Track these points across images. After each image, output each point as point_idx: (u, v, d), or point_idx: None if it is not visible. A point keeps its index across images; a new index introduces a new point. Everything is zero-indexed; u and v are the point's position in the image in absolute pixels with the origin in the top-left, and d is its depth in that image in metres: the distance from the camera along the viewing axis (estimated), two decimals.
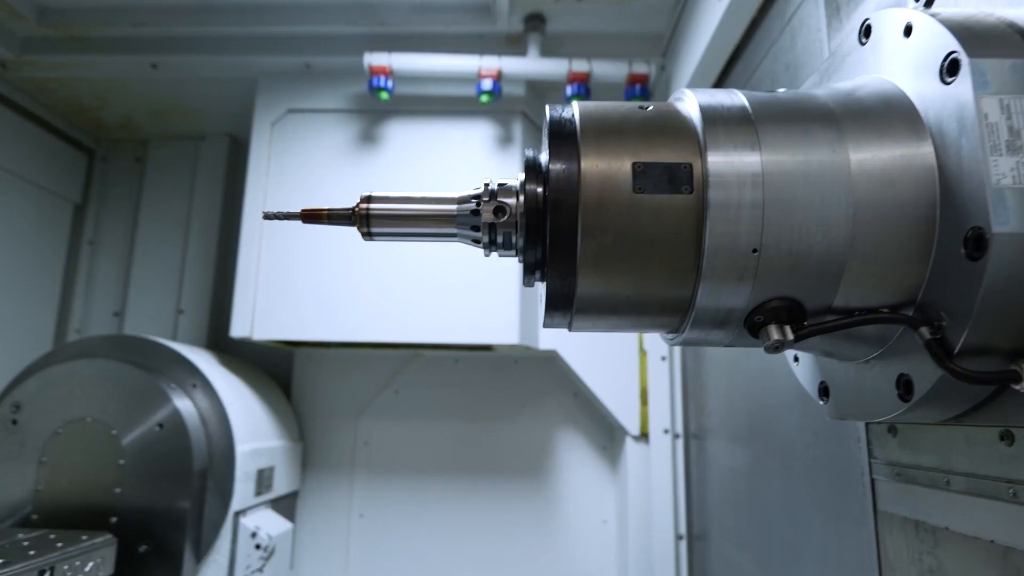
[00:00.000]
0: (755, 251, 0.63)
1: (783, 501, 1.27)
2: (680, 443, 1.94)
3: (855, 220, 0.63)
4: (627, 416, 1.97)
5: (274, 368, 2.28)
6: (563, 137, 0.68)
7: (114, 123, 2.38)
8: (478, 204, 0.74)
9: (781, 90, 0.74)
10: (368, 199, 0.75)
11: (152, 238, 2.41)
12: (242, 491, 1.74)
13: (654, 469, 1.92)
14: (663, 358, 1.97)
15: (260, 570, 1.72)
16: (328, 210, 0.76)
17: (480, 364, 2.28)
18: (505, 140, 1.95)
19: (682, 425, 1.94)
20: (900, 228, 0.63)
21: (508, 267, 1.87)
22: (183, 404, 1.69)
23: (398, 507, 2.20)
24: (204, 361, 1.85)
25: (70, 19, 1.92)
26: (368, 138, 1.96)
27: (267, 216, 0.77)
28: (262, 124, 1.99)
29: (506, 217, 0.72)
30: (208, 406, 1.75)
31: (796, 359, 0.90)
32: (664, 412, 1.94)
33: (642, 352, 1.99)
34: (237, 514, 1.72)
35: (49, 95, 2.18)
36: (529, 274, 0.75)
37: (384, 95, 1.82)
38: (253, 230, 1.93)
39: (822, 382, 0.83)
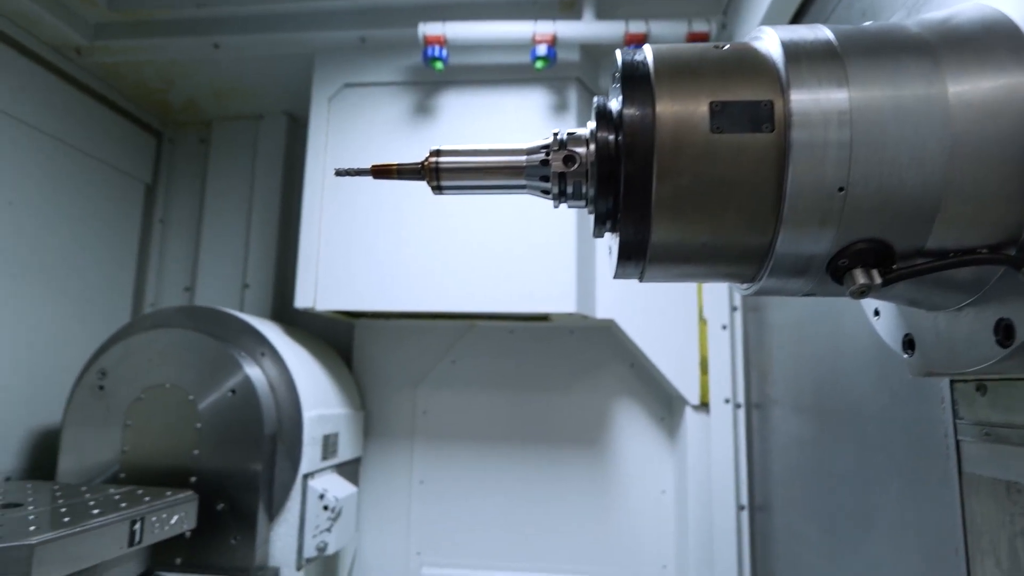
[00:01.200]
0: (841, 190, 0.61)
1: (854, 468, 1.23)
2: (741, 413, 1.90)
3: (952, 155, 0.59)
4: (686, 386, 1.94)
5: (335, 339, 2.35)
6: (636, 80, 0.66)
7: (179, 105, 2.47)
8: (547, 154, 0.73)
9: (868, 23, 0.70)
10: (437, 152, 0.76)
11: (218, 216, 2.51)
12: (310, 455, 1.80)
13: (714, 439, 1.90)
14: (724, 327, 1.93)
15: (328, 530, 1.79)
16: (398, 165, 0.77)
17: (536, 335, 2.28)
18: (560, 107, 1.93)
19: (743, 395, 1.90)
20: (1003, 163, 0.59)
21: (564, 235, 1.85)
22: (253, 372, 1.76)
23: (456, 474, 2.24)
24: (271, 331, 1.92)
25: (137, 3, 2.00)
26: (423, 110, 1.97)
27: (339, 173, 0.79)
28: (320, 100, 2.02)
29: (576, 166, 0.72)
30: (276, 374, 1.82)
31: (876, 313, 0.86)
32: (725, 381, 1.91)
33: (702, 321, 1.96)
34: (305, 477, 1.79)
35: (119, 79, 2.27)
36: (600, 224, 0.74)
37: (439, 65, 1.83)
38: (314, 204, 1.97)
39: (907, 335, 0.79)
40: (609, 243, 0.78)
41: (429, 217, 1.91)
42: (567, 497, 2.19)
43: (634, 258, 0.71)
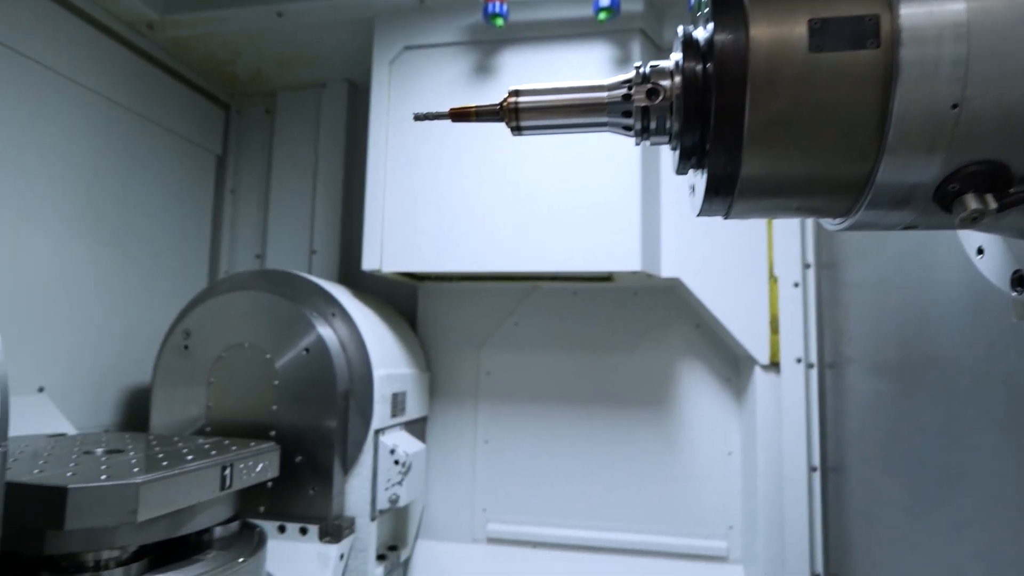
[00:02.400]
0: (955, 107, 0.57)
1: (942, 424, 1.18)
2: (814, 373, 1.85)
3: None
4: (756, 345, 1.90)
5: (399, 303, 2.40)
6: (727, 3, 0.63)
7: (246, 76, 2.53)
8: (629, 88, 0.71)
9: None
10: (516, 92, 0.75)
11: (284, 184, 2.58)
12: (380, 412, 1.86)
13: (785, 399, 1.85)
14: (796, 284, 1.87)
15: (399, 483, 1.85)
16: (476, 107, 0.77)
17: (599, 296, 2.27)
18: (622, 61, 1.88)
19: (816, 354, 1.84)
20: None
21: (628, 193, 1.82)
22: (325, 331, 1.82)
23: (520, 434, 2.27)
24: (340, 293, 1.97)
25: None
26: (483, 69, 1.96)
27: (417, 117, 0.79)
28: (381, 63, 2.03)
29: (660, 99, 0.70)
30: (346, 333, 1.88)
31: (980, 251, 0.81)
32: (797, 341, 1.85)
33: (772, 278, 1.90)
34: (377, 432, 1.85)
35: (189, 52, 2.34)
36: (684, 160, 0.72)
37: (499, 21, 1.80)
38: (377, 168, 2.00)
39: (1016, 271, 0.74)
40: (692, 181, 0.76)
41: (492, 178, 1.91)
42: (631, 458, 2.19)
43: (722, 193, 0.69)
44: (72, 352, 1.95)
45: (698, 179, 0.73)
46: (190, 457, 1.34)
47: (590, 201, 1.83)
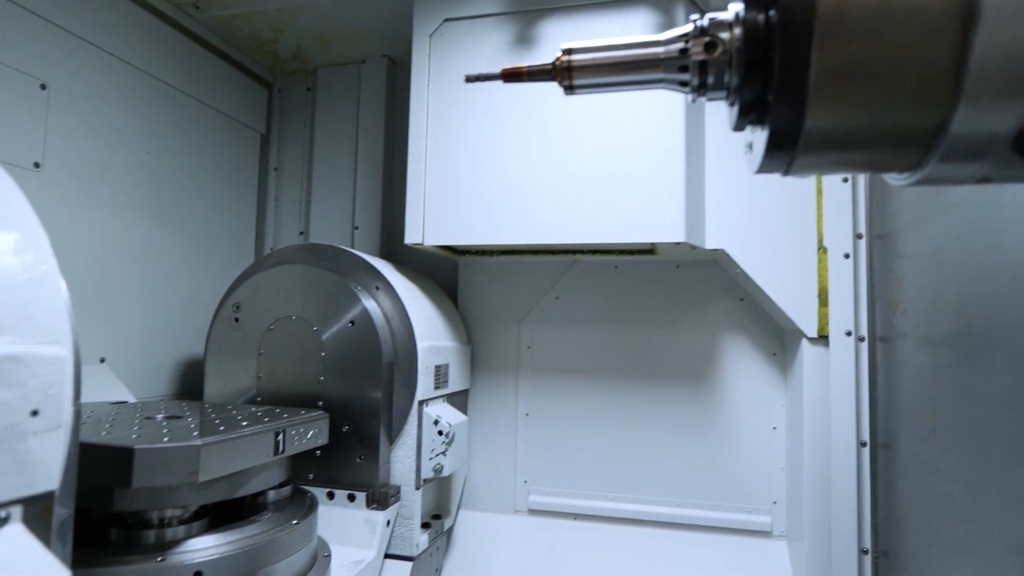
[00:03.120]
0: None
1: (1006, 395, 1.14)
2: (864, 346, 1.80)
3: None
4: (804, 318, 1.85)
5: (440, 277, 2.42)
6: None
7: (287, 55, 2.56)
8: (686, 42, 0.69)
9: None
10: (569, 51, 0.74)
11: (326, 161, 2.62)
12: (424, 383, 1.89)
13: (834, 373, 1.81)
14: (846, 256, 1.81)
15: (443, 453, 1.89)
16: (528, 67, 0.76)
17: (640, 269, 2.25)
18: (667, 28, 1.83)
19: (867, 327, 1.79)
20: None
21: (672, 162, 1.78)
22: (370, 304, 1.85)
23: (561, 408, 2.28)
24: (384, 267, 2.00)
25: None
26: (524, 40, 1.93)
27: (469, 79, 0.79)
28: (421, 36, 2.03)
29: (719, 52, 0.68)
30: (390, 306, 1.91)
31: None
32: (847, 313, 1.80)
33: (821, 249, 1.85)
34: (421, 403, 1.88)
35: (233, 32, 2.38)
36: (743, 115, 0.70)
37: None
38: (419, 142, 2.00)
39: None
40: (750, 138, 0.74)
41: (533, 150, 1.90)
42: (673, 431, 2.18)
43: (784, 148, 0.67)
44: (130, 325, 2.03)
45: (756, 135, 0.71)
46: (244, 423, 1.39)
47: (633, 172, 1.81)
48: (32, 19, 1.70)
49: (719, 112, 1.94)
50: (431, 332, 1.99)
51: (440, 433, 1.89)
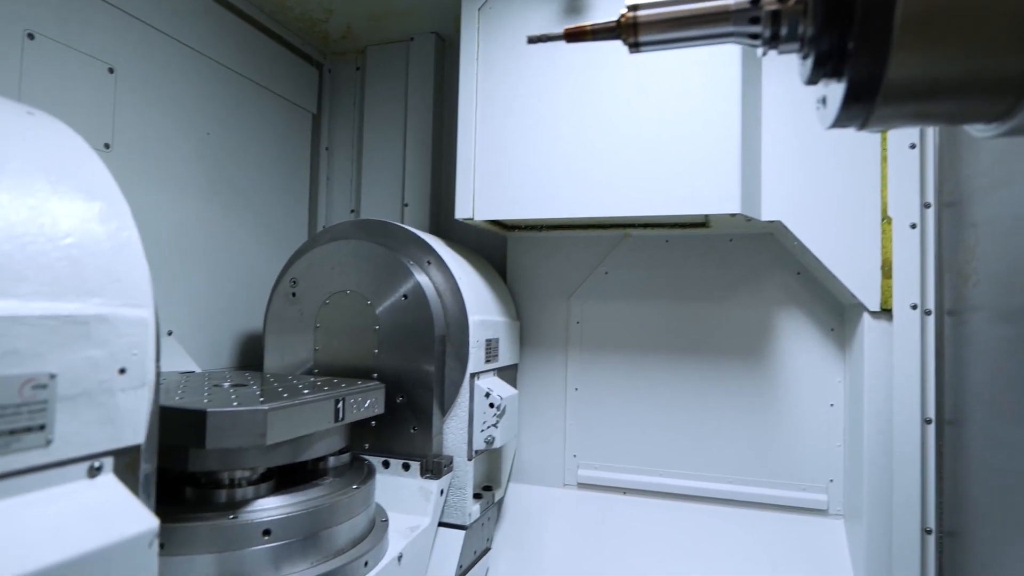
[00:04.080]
0: None
1: None
2: (931, 320, 1.73)
3: None
4: (865, 291, 1.79)
5: (489, 253, 2.44)
6: None
7: (338, 34, 2.59)
8: None
9: None
10: (635, 7, 0.72)
11: (376, 141, 2.65)
12: (475, 356, 1.91)
13: (897, 348, 1.75)
14: (912, 226, 1.74)
15: (495, 425, 1.91)
16: (591, 25, 0.75)
17: (692, 244, 2.21)
18: None
19: (934, 299, 1.72)
20: None
21: (727, 130, 1.73)
22: (422, 278, 1.87)
23: (611, 383, 2.28)
24: (435, 242, 2.02)
25: None
26: (574, 11, 1.90)
27: (531, 40, 0.78)
28: (469, 10, 2.02)
29: (793, 1, 0.65)
30: (442, 280, 1.93)
31: None
32: (912, 286, 1.73)
33: (886, 219, 1.77)
34: (473, 376, 1.90)
35: (285, 12, 2.42)
36: (819, 67, 0.68)
37: None
38: (469, 117, 2.01)
39: None
40: (823, 92, 0.72)
41: (583, 122, 1.87)
42: (726, 407, 2.15)
43: (863, 99, 0.64)
44: (194, 300, 2.12)
45: (831, 88, 0.68)
46: (306, 391, 1.44)
47: (686, 142, 1.77)
48: (101, 6, 1.76)
49: (777, 77, 1.87)
50: (482, 306, 2.01)
51: (492, 406, 1.92)
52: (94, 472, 0.77)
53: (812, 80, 0.70)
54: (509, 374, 2.24)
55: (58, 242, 0.75)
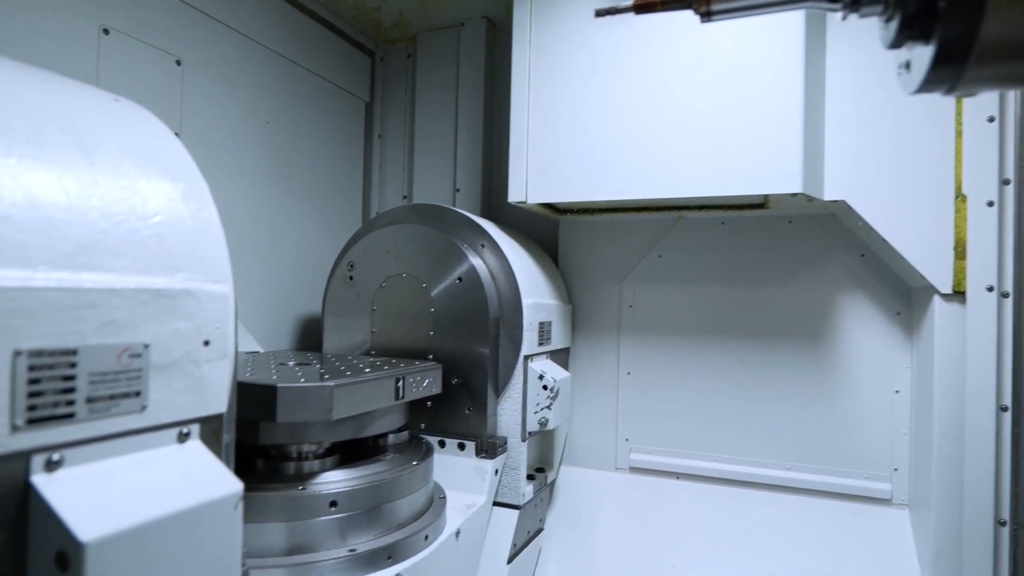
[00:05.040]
0: None
1: None
2: (1008, 302, 1.64)
3: None
4: (936, 272, 1.72)
5: (541, 237, 2.44)
6: None
7: (390, 22, 2.62)
8: None
9: None
10: None
11: (427, 127, 2.68)
12: (529, 339, 1.92)
13: (971, 332, 1.67)
14: (990, 203, 1.65)
15: (548, 407, 1.92)
16: None
17: (749, 225, 2.16)
18: None
19: (1012, 281, 1.64)
20: None
21: (788, 105, 1.68)
22: (476, 261, 1.89)
23: (664, 367, 2.26)
24: (488, 226, 2.03)
25: None
26: None
27: (599, 13, 0.78)
28: None
29: None
30: (495, 263, 1.94)
31: None
32: (988, 267, 1.65)
33: (960, 197, 1.69)
34: (526, 358, 1.92)
35: (339, 1, 2.46)
36: (905, 29, 0.65)
37: None
38: (521, 100, 2.00)
39: None
40: (907, 56, 0.69)
41: (636, 102, 1.85)
42: (784, 393, 2.11)
43: (953, 61, 0.61)
44: (255, 283, 2.20)
45: (917, 52, 0.66)
46: (368, 370, 1.48)
47: (744, 118, 1.72)
48: (169, 1, 1.83)
49: (842, 47, 1.80)
50: (535, 289, 2.02)
51: (545, 388, 1.93)
52: (183, 438, 0.82)
53: (896, 43, 0.67)
54: (561, 357, 2.25)
55: (147, 220, 0.79)
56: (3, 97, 0.71)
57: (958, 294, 1.71)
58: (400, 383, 1.49)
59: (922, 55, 0.64)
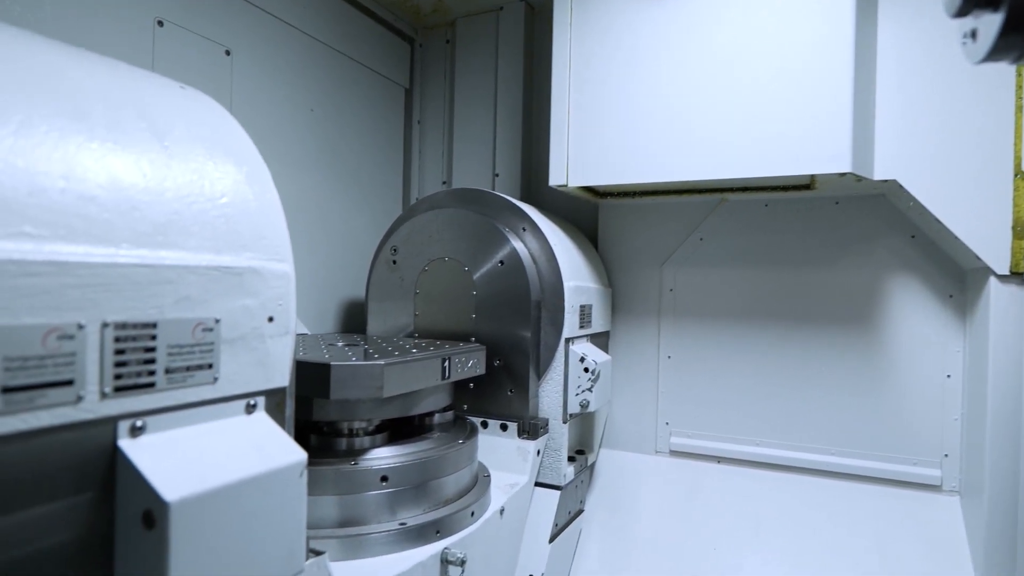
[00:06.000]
0: None
1: None
2: None
3: None
4: (993, 253, 1.67)
5: (580, 220, 2.44)
6: None
7: (428, 8, 2.64)
8: None
9: None
10: None
11: (466, 113, 2.69)
12: (570, 322, 1.94)
13: None
14: None
15: (589, 390, 1.94)
16: None
17: (794, 208, 2.12)
18: None
19: None
20: None
21: (837, 82, 1.64)
22: (518, 244, 1.91)
23: (705, 351, 2.25)
24: (529, 209, 2.05)
25: None
26: None
27: None
28: None
29: None
30: (537, 246, 1.96)
31: None
32: None
33: (1020, 175, 1.63)
34: (567, 341, 1.93)
35: None
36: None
37: None
38: (562, 83, 2.00)
39: None
40: (973, 24, 0.68)
41: (678, 81, 1.83)
42: (829, 377, 2.07)
43: (1022, 28, 0.60)
44: (301, 268, 2.25)
45: (984, 20, 0.64)
46: (415, 351, 1.52)
47: (791, 96, 1.69)
48: None
49: (893, 20, 1.75)
50: (576, 273, 2.03)
51: (586, 370, 1.94)
52: (250, 409, 0.86)
53: (962, 11, 0.66)
54: (601, 341, 2.25)
55: (216, 202, 0.83)
56: (84, 85, 0.75)
57: (1016, 275, 1.66)
58: (446, 363, 1.53)
59: (990, 22, 0.63)
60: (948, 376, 1.93)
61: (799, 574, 1.93)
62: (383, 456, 1.38)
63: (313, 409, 1.36)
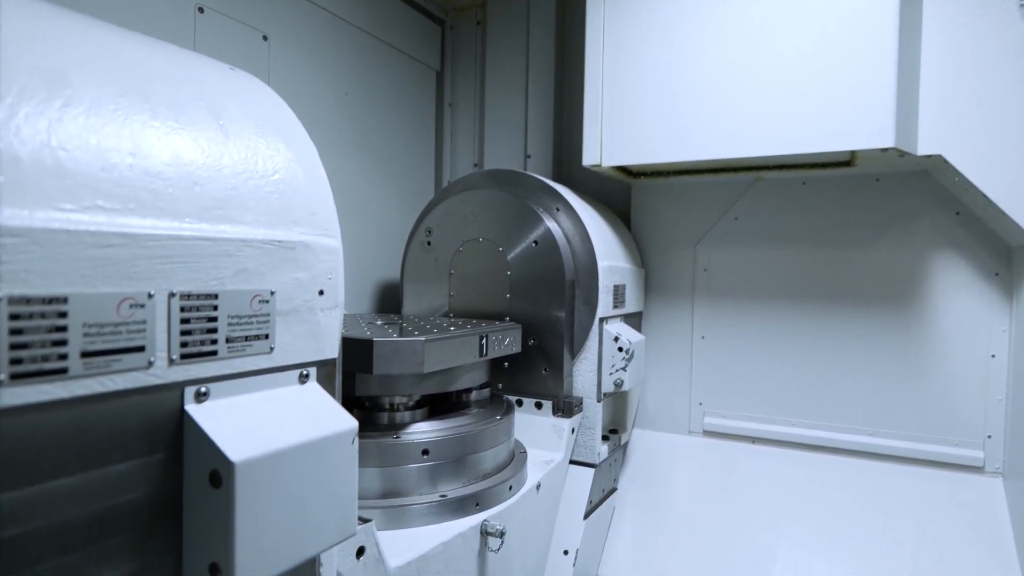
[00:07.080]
0: None
1: None
2: None
3: None
4: None
5: (612, 201, 2.43)
6: None
7: None
8: None
9: None
10: None
11: (497, 95, 2.70)
12: (604, 301, 1.94)
13: None
14: None
15: (623, 369, 1.95)
16: None
17: (833, 185, 2.08)
18: None
19: None
20: None
21: (881, 53, 1.60)
22: (551, 224, 1.92)
23: (740, 332, 2.23)
24: (562, 190, 2.05)
25: None
26: None
27: None
28: None
29: None
30: (570, 227, 1.96)
31: None
32: None
33: None
34: (601, 320, 1.94)
35: None
36: None
37: None
38: (595, 63, 1.99)
39: None
40: None
41: (713, 57, 1.81)
42: (867, 357, 2.05)
43: None
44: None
45: None
46: (452, 329, 1.54)
47: (832, 69, 1.65)
48: None
49: None
50: (610, 252, 2.03)
51: (620, 349, 1.95)
52: (303, 379, 0.89)
53: None
54: (634, 321, 2.26)
55: (269, 178, 0.86)
56: (146, 67, 0.78)
57: None
58: (484, 340, 1.55)
59: None
60: (992, 356, 1.89)
61: (834, 556, 1.93)
62: (424, 430, 1.41)
63: (356, 384, 1.40)
